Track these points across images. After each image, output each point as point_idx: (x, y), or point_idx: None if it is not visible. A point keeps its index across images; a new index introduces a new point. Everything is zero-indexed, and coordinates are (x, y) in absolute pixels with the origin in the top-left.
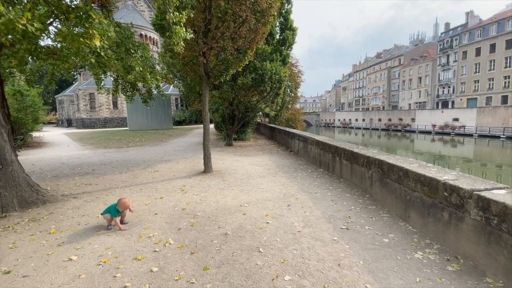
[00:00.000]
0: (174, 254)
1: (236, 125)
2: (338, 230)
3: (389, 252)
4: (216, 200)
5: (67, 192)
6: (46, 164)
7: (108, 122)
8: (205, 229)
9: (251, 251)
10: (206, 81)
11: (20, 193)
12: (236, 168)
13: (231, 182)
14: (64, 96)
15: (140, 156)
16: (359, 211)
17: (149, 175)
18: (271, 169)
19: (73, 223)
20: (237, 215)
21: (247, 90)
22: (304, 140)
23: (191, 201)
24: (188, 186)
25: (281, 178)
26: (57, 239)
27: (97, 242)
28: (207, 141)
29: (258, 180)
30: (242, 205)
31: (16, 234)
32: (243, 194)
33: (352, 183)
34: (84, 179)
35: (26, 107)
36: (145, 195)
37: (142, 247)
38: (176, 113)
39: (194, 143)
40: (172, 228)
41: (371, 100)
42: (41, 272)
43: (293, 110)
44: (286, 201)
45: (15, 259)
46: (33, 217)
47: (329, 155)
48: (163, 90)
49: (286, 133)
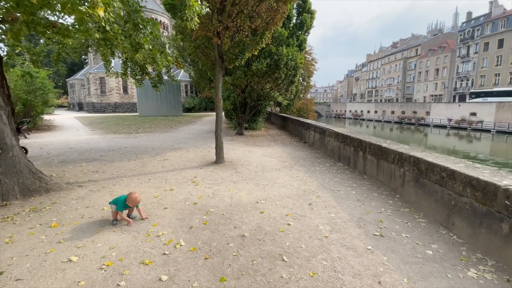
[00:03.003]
0: (186, 259)
1: (247, 114)
2: (370, 236)
3: (436, 268)
4: (229, 194)
5: (73, 180)
6: (54, 148)
7: (118, 107)
8: (220, 229)
9: (273, 259)
10: (220, 64)
11: (21, 180)
12: (248, 159)
13: (244, 175)
14: (75, 80)
15: (149, 143)
16: (391, 214)
17: (158, 163)
18: (286, 162)
19: (76, 216)
20: (254, 213)
21: (261, 77)
22: (321, 131)
23: (203, 195)
24: (200, 178)
25: (298, 172)
26: (57, 235)
27: (100, 239)
28: (220, 130)
29: (274, 174)
30: (259, 202)
31: (15, 226)
32: (259, 189)
33: (378, 181)
34: (91, 166)
35: (36, 89)
36: (154, 186)
37: (150, 248)
38: (186, 99)
39: (204, 131)
40: (183, 226)
41: (385, 91)
42: (36, 275)
43: (305, 100)
44: (306, 199)
45: (10, 257)
46: (35, 207)
47: (351, 148)
48: (173, 75)
49: (300, 124)
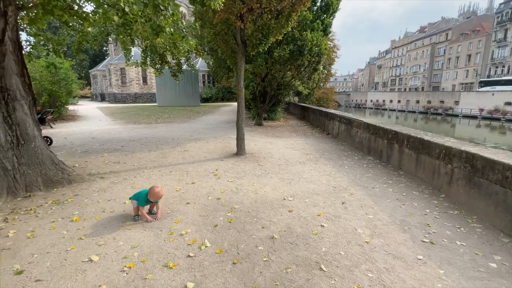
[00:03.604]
0: (213, 263)
1: (267, 104)
2: (419, 244)
3: (506, 286)
4: (254, 189)
5: (95, 171)
6: (77, 138)
7: (138, 97)
8: (246, 229)
9: (309, 267)
10: (242, 50)
11: (44, 171)
12: (270, 151)
13: (268, 168)
14: (97, 71)
15: (169, 133)
16: (438, 216)
17: (178, 155)
18: (311, 154)
19: (97, 210)
20: (282, 211)
21: (282, 64)
22: (347, 122)
23: (226, 189)
24: (221, 170)
25: (325, 166)
26: (78, 230)
27: (122, 237)
28: (241, 121)
29: (299, 167)
30: (286, 199)
31: (37, 220)
32: (285, 184)
33: (417, 178)
34: (112, 156)
35: (60, 80)
36: (176, 179)
37: (174, 248)
38: (203, 90)
39: (222, 122)
40: (207, 224)
41: (409, 80)
42: (56, 276)
43: (325, 89)
44: (338, 196)
45: (30, 254)
46: (57, 199)
47: (383, 141)
48: (193, 63)
49: (323, 114)
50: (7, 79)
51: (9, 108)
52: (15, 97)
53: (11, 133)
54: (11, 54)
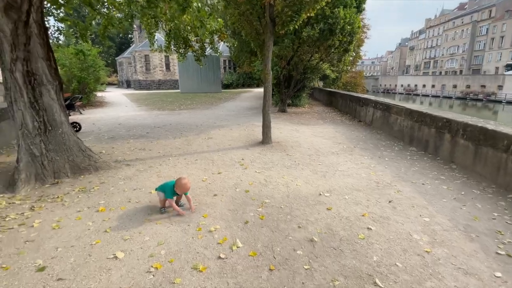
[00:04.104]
0: (247, 267)
1: (292, 89)
2: (493, 256)
3: None
4: (284, 182)
5: (121, 158)
6: (105, 124)
7: (162, 84)
8: (280, 228)
9: (361, 281)
10: (271, 29)
11: (71, 158)
12: (297, 139)
13: (297, 159)
14: (123, 58)
15: (192, 120)
16: (511, 222)
17: (203, 142)
18: (343, 144)
19: (123, 199)
20: (319, 209)
21: (311, 45)
22: (384, 108)
23: (254, 181)
24: (248, 160)
25: (362, 158)
26: (104, 221)
27: (148, 231)
28: (268, 107)
29: (332, 158)
30: (322, 194)
31: (63, 209)
32: (318, 177)
33: (475, 173)
34: (138, 143)
35: (88, 66)
36: (201, 168)
37: (203, 247)
38: (224, 76)
39: (245, 108)
40: (237, 220)
41: (446, 62)
42: (79, 275)
43: (353, 73)
44: (383, 193)
45: (54, 247)
46: (84, 186)
47: (431, 130)
48: (217, 46)
49: (353, 99)
50: (33, 63)
51: (36, 93)
52: (42, 81)
53: (38, 118)
54: (36, 37)
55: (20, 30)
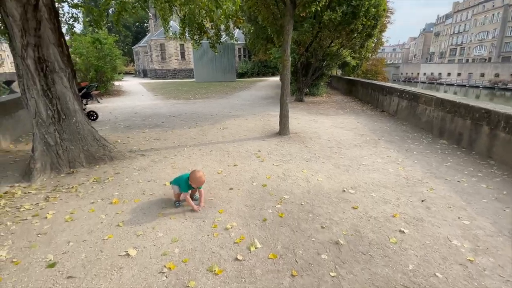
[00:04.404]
0: (266, 272)
1: (310, 77)
2: None
3: None
4: (304, 176)
5: (136, 147)
6: (121, 113)
7: (177, 73)
8: (302, 227)
9: None
10: (291, 12)
11: (86, 148)
12: (316, 130)
13: (317, 151)
14: (139, 47)
15: (207, 109)
16: None
17: (218, 132)
18: (367, 136)
19: (137, 191)
20: (344, 207)
21: (332, 30)
22: (411, 97)
23: (272, 175)
24: (264, 152)
25: (388, 151)
26: (117, 214)
27: (161, 226)
28: (286, 96)
29: (355, 151)
30: (346, 191)
31: (77, 200)
32: (341, 172)
33: None
34: (153, 132)
35: (105, 55)
36: (216, 160)
37: (219, 247)
38: (239, 64)
39: (260, 97)
40: (254, 217)
41: (473, 49)
42: (89, 273)
43: (374, 61)
44: (414, 191)
45: (66, 241)
46: (98, 177)
47: (465, 121)
48: (232, 33)
49: (376, 88)
50: (45, 49)
51: (48, 80)
52: (54, 69)
53: (52, 107)
54: (47, 22)
55: (29, 14)
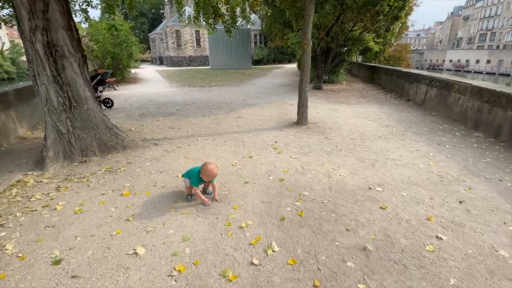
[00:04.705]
0: (285, 280)
1: (329, 63)
2: None
3: None
4: (325, 171)
5: (149, 136)
6: (136, 100)
7: (193, 60)
8: (324, 229)
9: None
10: None
11: (98, 136)
12: (337, 120)
13: (338, 143)
14: (155, 34)
15: (222, 97)
16: None
17: (233, 121)
18: (392, 127)
19: (149, 183)
20: (371, 207)
21: (356, 12)
22: (442, 85)
23: (290, 168)
24: (281, 143)
25: (417, 144)
26: (127, 208)
27: (172, 222)
28: (306, 83)
29: (380, 144)
30: (372, 188)
31: (88, 190)
32: (366, 166)
33: None
34: (167, 121)
35: (121, 42)
36: (231, 151)
37: (233, 248)
38: (254, 51)
39: (276, 85)
40: (271, 215)
41: (506, 34)
42: (95, 273)
43: (398, 46)
44: (450, 191)
45: (73, 236)
46: (111, 166)
47: (507, 113)
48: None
49: (401, 75)
50: (53, 33)
51: (58, 66)
52: (64, 53)
53: (63, 94)
54: (55, 4)
55: None
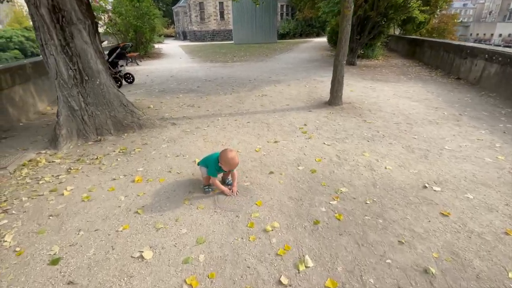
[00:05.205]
0: None
1: (366, 36)
2: None
3: None
4: (367, 162)
5: (168, 115)
6: (158, 76)
7: (216, 34)
8: (370, 239)
9: None
10: None
11: (113, 113)
12: (376, 101)
13: (380, 128)
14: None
15: (245, 73)
16: None
17: (256, 100)
18: (443, 110)
19: (163, 168)
20: (428, 212)
21: None
22: (507, 61)
23: (323, 157)
24: (312, 126)
25: (477, 131)
26: (138, 197)
27: (186, 219)
28: (343, 56)
29: (431, 130)
30: (428, 187)
31: (99, 174)
32: (417, 158)
33: None
34: (187, 98)
35: (143, 14)
36: (254, 134)
37: (256, 259)
38: (280, 24)
39: (303, 60)
40: (302, 217)
41: None
42: (94, 280)
43: (443, 17)
44: None
45: (77, 230)
46: (125, 147)
47: None
48: None
49: (451, 49)
50: None
51: (66, 34)
52: (71, 19)
53: (73, 66)
54: None
55: None
